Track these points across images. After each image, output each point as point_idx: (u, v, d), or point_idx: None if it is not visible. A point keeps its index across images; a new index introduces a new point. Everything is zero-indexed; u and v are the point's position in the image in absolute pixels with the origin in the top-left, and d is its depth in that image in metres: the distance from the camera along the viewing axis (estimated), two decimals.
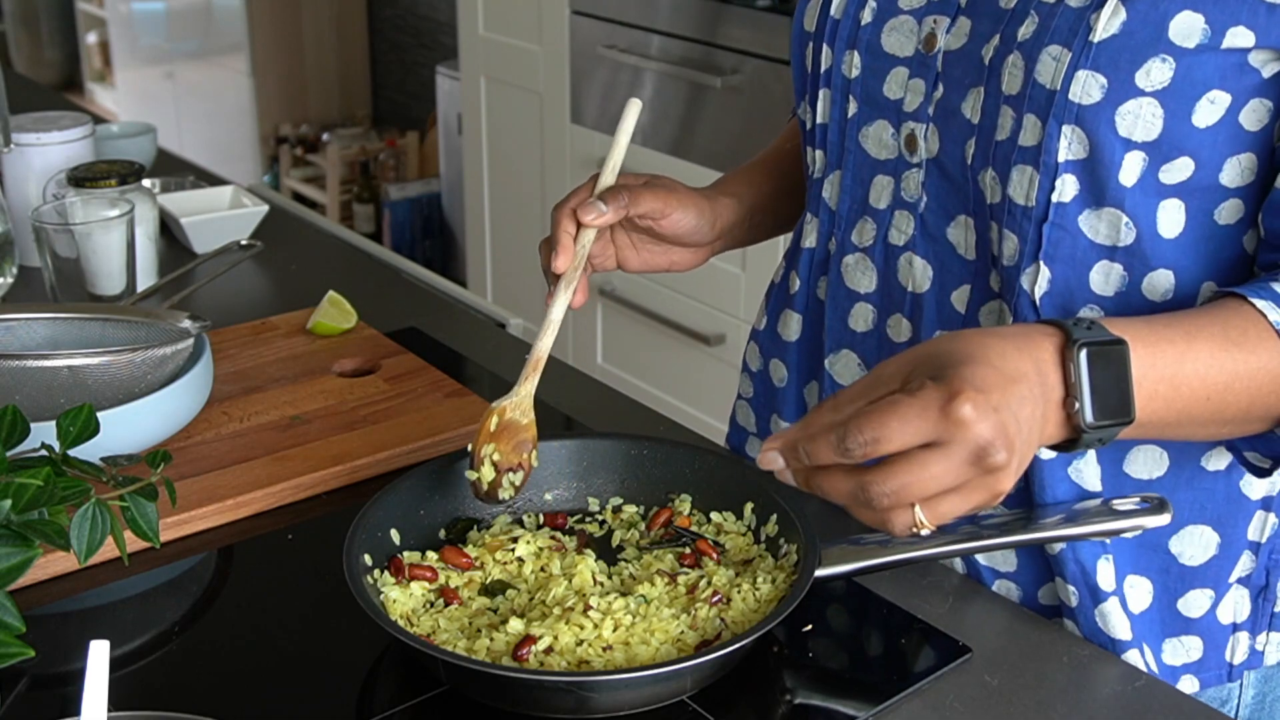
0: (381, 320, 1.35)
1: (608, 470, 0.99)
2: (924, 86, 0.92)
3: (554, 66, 2.99)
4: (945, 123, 0.91)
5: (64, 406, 0.91)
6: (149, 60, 5.32)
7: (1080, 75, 0.82)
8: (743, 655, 0.84)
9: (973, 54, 0.89)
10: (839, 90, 0.97)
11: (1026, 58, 0.84)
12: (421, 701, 0.83)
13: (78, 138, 1.53)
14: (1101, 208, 0.85)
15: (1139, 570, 0.94)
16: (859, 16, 0.95)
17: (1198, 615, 0.95)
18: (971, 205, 0.91)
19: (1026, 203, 0.87)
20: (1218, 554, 0.94)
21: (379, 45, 4.73)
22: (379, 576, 0.89)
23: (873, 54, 0.95)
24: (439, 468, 0.97)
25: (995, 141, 0.88)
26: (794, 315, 1.05)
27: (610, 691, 0.80)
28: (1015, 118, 0.86)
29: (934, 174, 0.93)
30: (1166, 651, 0.96)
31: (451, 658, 0.79)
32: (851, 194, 0.99)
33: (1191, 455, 0.91)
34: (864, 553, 0.89)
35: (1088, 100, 0.82)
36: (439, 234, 4.25)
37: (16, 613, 0.77)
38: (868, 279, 0.98)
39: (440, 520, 0.96)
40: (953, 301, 0.94)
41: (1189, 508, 0.92)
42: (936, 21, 0.91)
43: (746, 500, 0.97)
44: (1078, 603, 0.92)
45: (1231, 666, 0.97)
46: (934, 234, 0.94)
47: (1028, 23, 0.85)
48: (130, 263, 1.34)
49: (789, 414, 1.08)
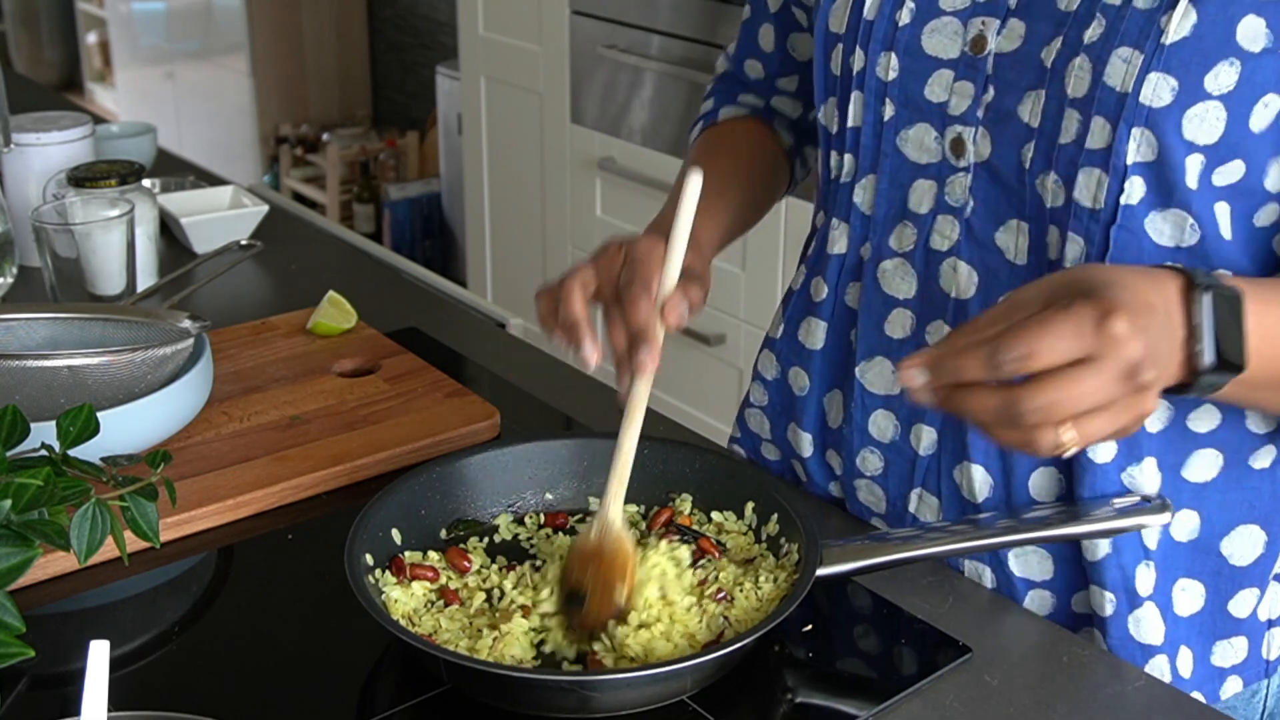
0: (381, 320, 1.35)
1: (608, 470, 0.99)
2: (972, 89, 0.90)
3: (554, 66, 2.99)
4: (998, 126, 0.89)
5: (64, 406, 0.91)
6: (149, 60, 5.32)
7: (1152, 78, 0.81)
8: (744, 654, 0.84)
9: (1030, 56, 0.87)
10: (873, 93, 0.95)
11: (1095, 60, 0.83)
12: (422, 701, 0.83)
13: (78, 138, 1.53)
14: (1168, 209, 0.85)
15: (1192, 574, 0.93)
16: (895, 18, 0.93)
17: (1244, 615, 0.95)
18: (1027, 210, 0.89)
19: (1094, 205, 0.85)
20: (1264, 552, 0.94)
21: (379, 45, 4.73)
22: (380, 576, 0.89)
23: (912, 56, 0.93)
24: (440, 467, 0.97)
25: (1059, 145, 0.86)
26: (819, 323, 1.03)
27: (612, 691, 0.80)
28: (1081, 121, 0.84)
29: (983, 178, 0.91)
30: (1216, 654, 0.95)
31: (454, 657, 0.79)
32: (888, 199, 0.96)
33: (1242, 454, 0.91)
34: (864, 551, 0.89)
35: (1159, 103, 0.81)
36: (439, 234, 4.25)
37: (16, 613, 0.77)
38: (907, 285, 0.96)
39: (441, 520, 0.96)
40: None
41: (1238, 508, 0.92)
42: (985, 23, 0.89)
43: (747, 500, 0.97)
44: (1113, 610, 0.92)
45: (1268, 663, 0.98)
46: (980, 239, 0.92)
47: (1094, 25, 0.83)
48: (130, 263, 1.34)
49: (808, 423, 1.06)
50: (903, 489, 1.00)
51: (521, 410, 1.21)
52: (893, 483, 1.00)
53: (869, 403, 1.00)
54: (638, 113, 2.80)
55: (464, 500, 0.97)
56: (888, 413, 0.99)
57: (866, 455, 1.01)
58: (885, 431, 0.99)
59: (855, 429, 1.01)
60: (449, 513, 0.97)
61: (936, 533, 0.91)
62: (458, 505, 0.97)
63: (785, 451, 1.10)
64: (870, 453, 1.01)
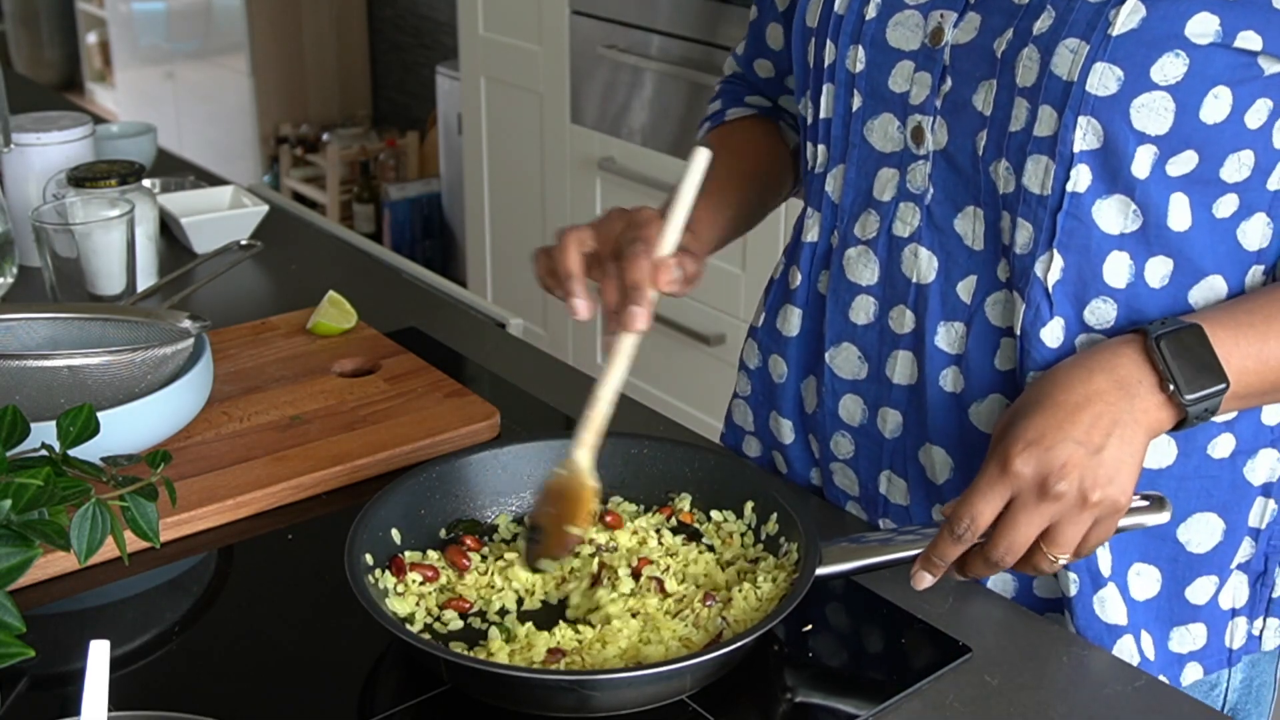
0: (381, 320, 1.35)
1: (607, 469, 0.99)
2: (930, 80, 0.92)
3: (554, 66, 2.99)
4: (954, 115, 0.92)
5: (64, 406, 0.91)
6: (149, 60, 5.32)
7: (1098, 67, 0.83)
8: (744, 654, 0.84)
9: (984, 48, 0.89)
10: (843, 85, 0.98)
11: (1043, 50, 0.86)
12: (423, 701, 0.83)
13: (78, 138, 1.53)
14: (1113, 195, 0.87)
15: (1147, 559, 0.95)
16: (863, 11, 0.96)
17: (1203, 602, 0.96)
18: (982, 196, 0.92)
19: (1042, 191, 0.88)
20: (1222, 540, 0.95)
21: (379, 45, 4.73)
22: (380, 576, 0.89)
23: (877, 48, 0.95)
24: (440, 467, 0.97)
25: (1009, 133, 0.89)
26: (794, 310, 1.05)
27: (612, 690, 0.80)
28: (1030, 109, 0.87)
29: (941, 166, 0.93)
30: (1174, 640, 0.97)
31: (454, 657, 0.79)
32: (855, 187, 0.99)
33: (1198, 443, 0.93)
34: (864, 551, 0.89)
35: (1104, 92, 0.84)
36: (439, 234, 4.25)
37: (16, 613, 0.77)
38: (869, 271, 0.98)
39: (441, 520, 0.96)
40: (958, 291, 0.94)
41: (1197, 496, 0.94)
42: (943, 16, 0.92)
43: (747, 499, 0.97)
44: (1077, 590, 0.93)
45: (1231, 652, 0.99)
46: (940, 225, 0.94)
47: (1044, 17, 0.86)
48: (130, 263, 1.34)
49: (787, 410, 1.08)
50: (873, 471, 1.03)
51: (521, 410, 1.21)
52: (863, 465, 1.03)
53: (838, 387, 1.02)
54: (638, 113, 2.80)
55: (463, 500, 0.97)
56: (855, 397, 1.02)
57: (838, 439, 1.04)
58: (854, 415, 1.02)
59: (827, 413, 1.04)
60: (449, 513, 0.97)
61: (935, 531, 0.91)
62: (457, 505, 0.97)
63: (767, 442, 1.13)
64: (842, 436, 1.04)
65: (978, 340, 0.94)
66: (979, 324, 0.93)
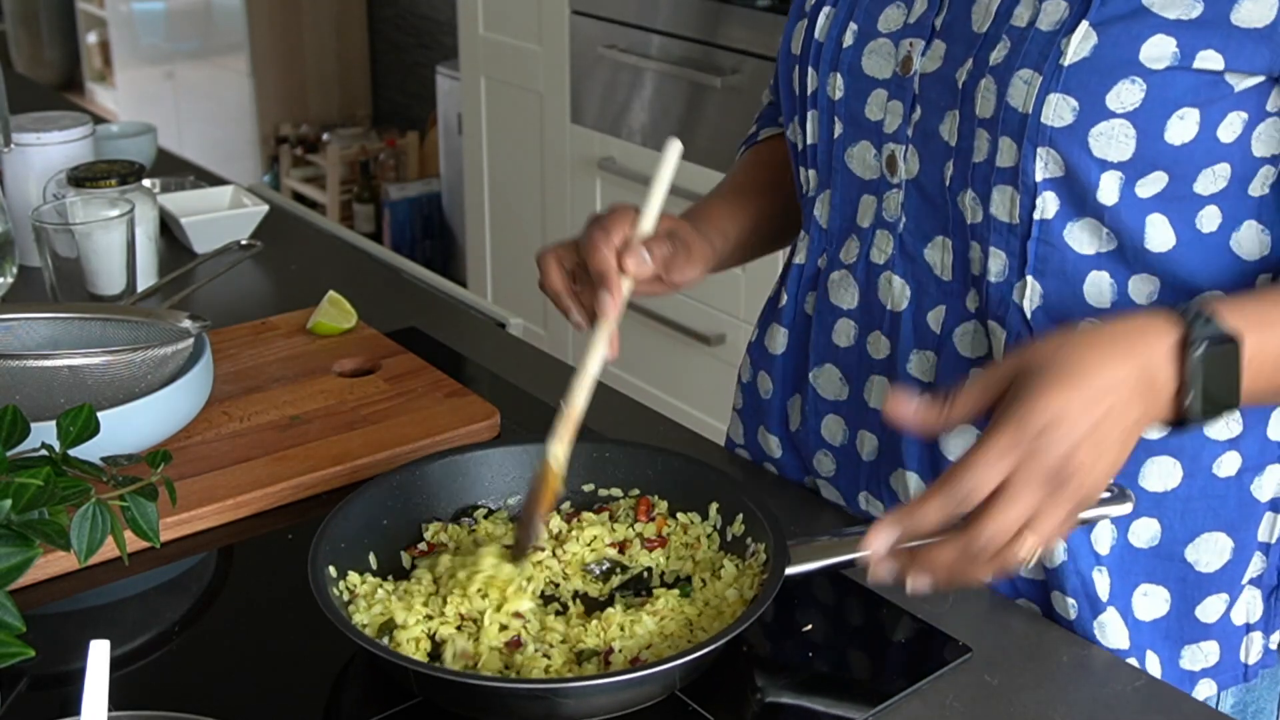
0: (381, 320, 1.36)
1: (572, 474, 0.97)
2: (902, 108, 0.93)
3: (554, 66, 2.99)
4: (924, 144, 0.92)
5: (64, 406, 0.91)
6: (149, 60, 5.32)
7: (1052, 99, 0.83)
8: (717, 655, 0.82)
9: (947, 77, 0.90)
10: (825, 111, 0.98)
11: (999, 81, 0.85)
12: (423, 700, 0.83)
13: (78, 138, 1.53)
14: (1083, 219, 0.86)
15: (1154, 579, 0.94)
16: (841, 39, 0.96)
17: (1214, 620, 0.95)
18: (950, 225, 0.92)
19: (1011, 220, 0.88)
20: (1232, 558, 0.94)
21: (379, 45, 4.73)
22: (345, 585, 0.89)
23: (854, 76, 0.96)
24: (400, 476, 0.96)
25: (973, 163, 0.88)
26: (780, 329, 1.06)
27: (584, 697, 0.80)
28: (991, 140, 0.87)
29: (913, 195, 0.94)
30: (1185, 658, 0.96)
31: (424, 668, 0.79)
32: (841, 212, 1.00)
33: (1202, 462, 0.91)
34: (830, 549, 0.87)
35: (1060, 123, 0.83)
36: (439, 234, 4.25)
37: (16, 613, 0.77)
38: (850, 295, 0.99)
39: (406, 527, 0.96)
40: (928, 321, 0.95)
41: (1203, 515, 0.92)
42: (912, 44, 0.92)
43: (711, 500, 0.96)
44: (1076, 615, 0.93)
45: (1247, 667, 0.98)
46: (912, 254, 0.95)
47: (999, 47, 0.86)
48: (130, 263, 1.34)
49: (774, 426, 1.09)
50: (853, 490, 1.04)
51: (521, 410, 1.21)
52: (844, 484, 1.04)
53: (821, 407, 1.03)
54: (638, 113, 2.80)
55: (427, 508, 0.97)
56: (837, 417, 1.03)
57: (821, 457, 1.05)
58: (836, 435, 1.03)
59: (810, 431, 1.05)
60: (411, 520, 0.96)
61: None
62: (421, 512, 0.96)
63: (756, 455, 1.13)
64: (824, 455, 1.05)
65: (947, 370, 0.94)
66: (947, 354, 0.94)
